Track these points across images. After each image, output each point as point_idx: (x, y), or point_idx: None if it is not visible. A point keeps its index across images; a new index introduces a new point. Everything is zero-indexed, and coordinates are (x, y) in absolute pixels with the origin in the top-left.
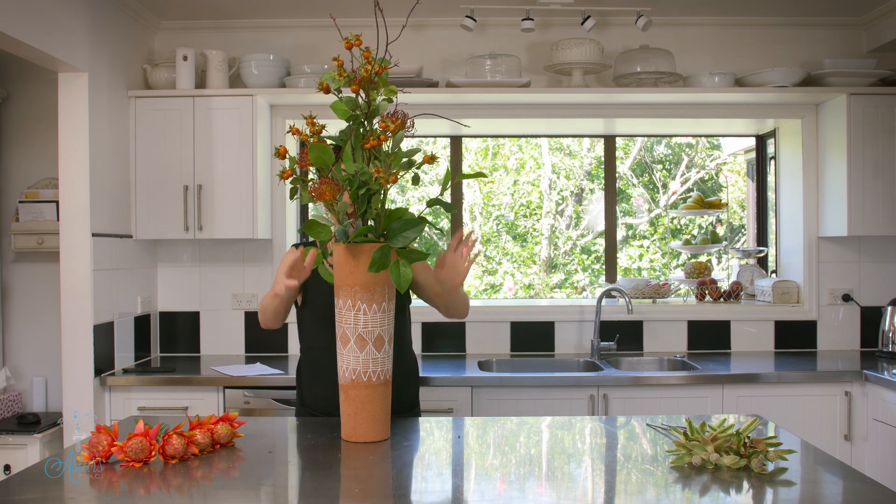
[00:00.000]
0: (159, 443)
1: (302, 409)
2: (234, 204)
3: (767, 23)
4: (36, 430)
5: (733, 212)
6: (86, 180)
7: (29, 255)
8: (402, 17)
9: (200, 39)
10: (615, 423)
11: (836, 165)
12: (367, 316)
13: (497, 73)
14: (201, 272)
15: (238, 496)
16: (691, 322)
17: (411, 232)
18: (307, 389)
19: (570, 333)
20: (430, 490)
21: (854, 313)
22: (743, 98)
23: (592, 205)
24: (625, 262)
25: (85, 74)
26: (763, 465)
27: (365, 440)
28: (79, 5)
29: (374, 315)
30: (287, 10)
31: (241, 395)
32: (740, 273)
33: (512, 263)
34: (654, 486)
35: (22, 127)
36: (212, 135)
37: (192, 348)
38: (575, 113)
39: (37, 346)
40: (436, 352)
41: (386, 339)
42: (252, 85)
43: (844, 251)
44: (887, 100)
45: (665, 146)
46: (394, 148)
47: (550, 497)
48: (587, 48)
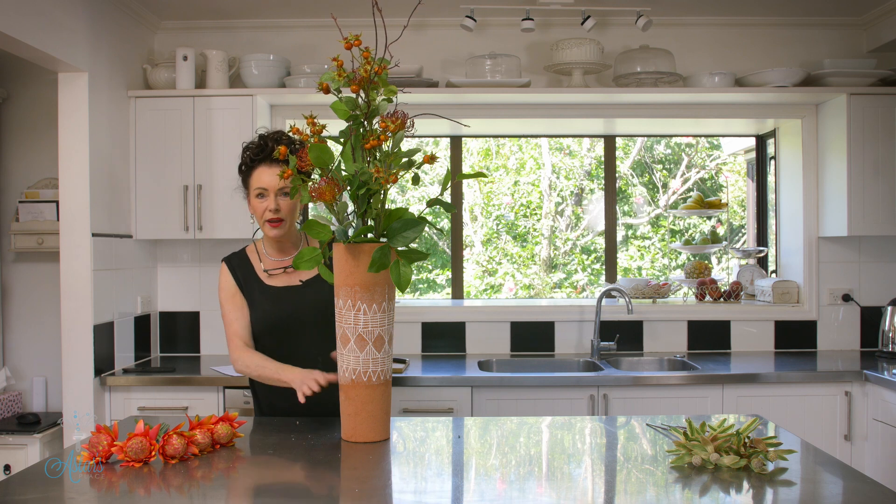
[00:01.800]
0: (159, 443)
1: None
2: (234, 204)
3: (767, 23)
4: (36, 430)
5: (733, 212)
6: (86, 180)
7: (29, 255)
8: (401, 17)
9: (200, 39)
10: (615, 423)
11: (836, 165)
12: (367, 316)
13: (497, 73)
14: (201, 272)
15: (238, 496)
16: (691, 322)
17: (411, 232)
18: (263, 398)
19: (570, 333)
20: (430, 490)
21: (854, 313)
22: (743, 98)
23: (592, 205)
24: (625, 262)
25: (85, 74)
26: (763, 465)
27: (365, 440)
28: (79, 5)
29: (374, 315)
30: (287, 10)
31: (241, 395)
32: (740, 273)
33: (512, 264)
34: (654, 486)
35: (22, 127)
36: (212, 135)
37: (192, 348)
38: (575, 113)
39: (37, 346)
40: (436, 352)
41: (386, 339)
42: (252, 85)
43: (844, 251)
44: (887, 100)
45: (665, 146)
46: (394, 148)
47: (550, 497)
48: (587, 48)
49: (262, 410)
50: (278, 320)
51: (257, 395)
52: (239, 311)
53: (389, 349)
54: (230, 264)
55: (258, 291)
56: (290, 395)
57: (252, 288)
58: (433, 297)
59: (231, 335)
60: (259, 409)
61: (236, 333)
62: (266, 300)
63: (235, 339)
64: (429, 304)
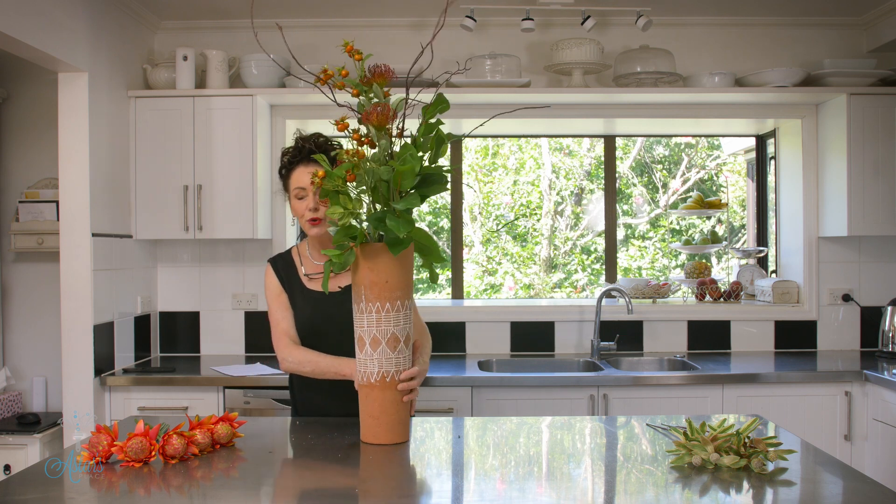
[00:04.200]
0: (159, 443)
1: (297, 416)
2: (234, 204)
3: (767, 23)
4: (36, 430)
5: (733, 212)
6: (86, 180)
7: (29, 255)
8: (402, 17)
9: (200, 39)
10: (615, 423)
11: (835, 165)
12: (390, 316)
13: (497, 73)
14: (201, 272)
15: (238, 496)
16: (691, 322)
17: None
18: (300, 395)
19: (570, 333)
20: (430, 490)
21: (854, 313)
22: (743, 98)
23: (592, 205)
24: (625, 262)
25: (85, 74)
26: (763, 465)
27: (386, 442)
28: (79, 5)
29: (396, 315)
30: (287, 10)
31: (241, 395)
32: (740, 273)
33: (512, 263)
34: (653, 486)
35: (22, 127)
36: (212, 135)
37: (192, 348)
38: (575, 113)
39: (37, 346)
40: (436, 352)
41: (402, 339)
42: (252, 85)
43: (844, 251)
44: (887, 100)
45: (665, 146)
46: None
47: (550, 497)
48: (587, 48)
49: (297, 409)
50: (317, 325)
51: (294, 392)
52: (286, 311)
53: (407, 350)
54: (275, 266)
55: (299, 294)
56: (327, 390)
57: (294, 291)
58: (433, 296)
59: (280, 334)
60: (294, 407)
61: (285, 332)
62: (306, 304)
63: (284, 338)
64: (429, 304)
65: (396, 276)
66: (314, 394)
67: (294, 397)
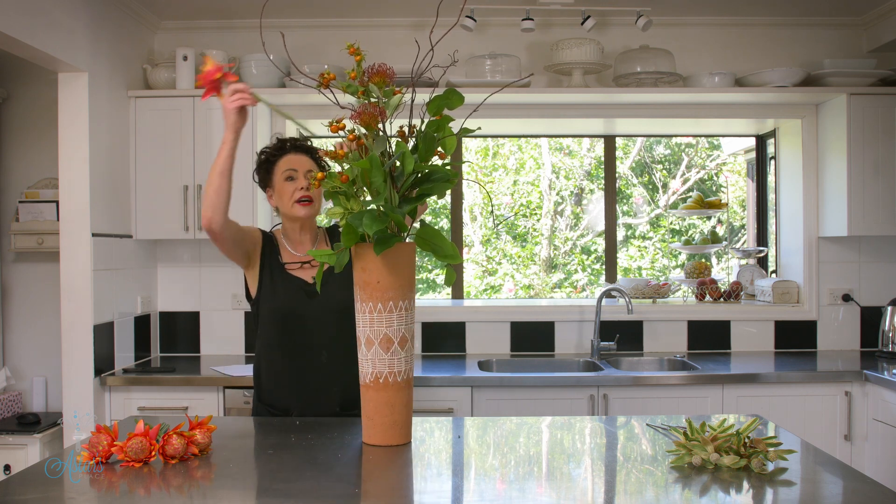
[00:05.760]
0: (159, 443)
1: (259, 406)
2: (234, 204)
3: (767, 23)
4: (36, 430)
5: (733, 212)
6: (86, 180)
7: (29, 255)
8: (401, 17)
9: (200, 39)
10: (615, 423)
11: (835, 165)
12: (382, 316)
13: (497, 72)
14: (201, 272)
15: (238, 496)
16: (691, 322)
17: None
18: (265, 390)
19: (570, 333)
20: (430, 490)
21: (854, 313)
22: (743, 98)
23: (592, 205)
24: (625, 262)
25: (85, 74)
26: (763, 465)
27: (381, 443)
28: (79, 5)
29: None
30: (287, 10)
31: (241, 395)
32: (740, 273)
33: (511, 264)
34: (653, 486)
35: (22, 127)
36: (212, 135)
37: (192, 348)
38: (575, 113)
39: (37, 346)
40: (436, 352)
41: (395, 341)
42: (252, 85)
43: (844, 251)
44: (887, 100)
45: (665, 146)
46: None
47: (550, 497)
48: (587, 48)
49: (260, 398)
50: (289, 311)
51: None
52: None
53: (411, 349)
54: (264, 235)
55: (278, 275)
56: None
57: (273, 269)
58: (433, 297)
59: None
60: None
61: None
62: (282, 287)
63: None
64: (429, 304)
65: (388, 276)
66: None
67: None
